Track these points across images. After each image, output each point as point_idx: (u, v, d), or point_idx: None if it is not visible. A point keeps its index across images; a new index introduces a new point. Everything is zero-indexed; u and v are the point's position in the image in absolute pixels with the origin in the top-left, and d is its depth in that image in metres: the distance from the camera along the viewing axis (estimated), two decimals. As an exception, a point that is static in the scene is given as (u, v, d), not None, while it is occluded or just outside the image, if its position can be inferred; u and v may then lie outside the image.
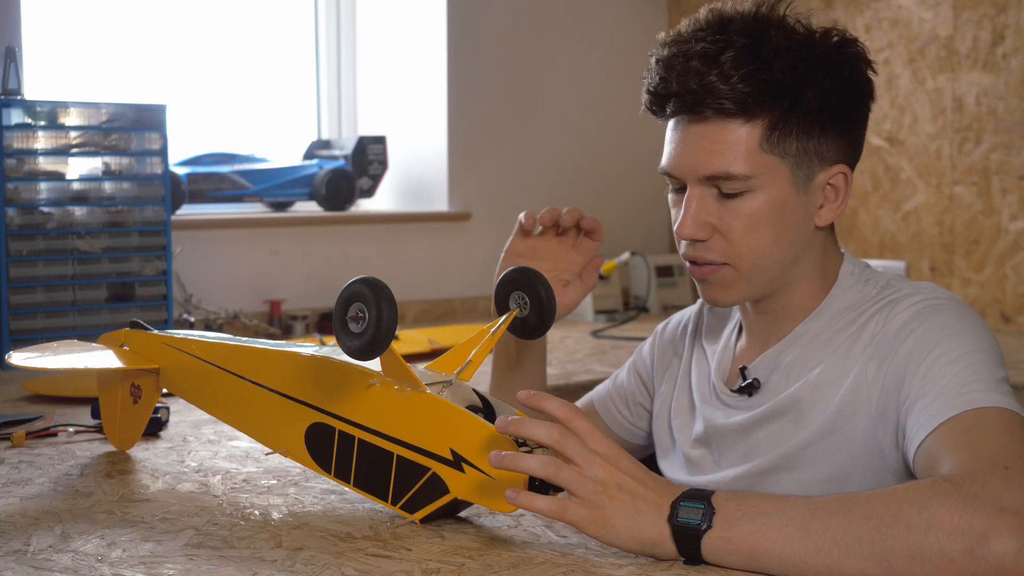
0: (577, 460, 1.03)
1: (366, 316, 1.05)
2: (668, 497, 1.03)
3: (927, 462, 1.10)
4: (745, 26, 1.23)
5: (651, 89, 1.27)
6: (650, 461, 1.48)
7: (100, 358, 1.42)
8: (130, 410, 1.45)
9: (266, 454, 1.41)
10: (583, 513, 1.02)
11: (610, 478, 1.03)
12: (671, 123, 1.28)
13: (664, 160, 1.29)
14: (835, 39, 1.26)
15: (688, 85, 1.22)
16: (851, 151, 1.29)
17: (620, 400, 1.56)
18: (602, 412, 1.57)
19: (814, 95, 1.23)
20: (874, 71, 1.29)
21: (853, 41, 1.27)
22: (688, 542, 1.01)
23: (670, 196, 1.32)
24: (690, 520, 1.01)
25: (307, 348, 1.27)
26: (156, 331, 1.43)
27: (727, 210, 1.25)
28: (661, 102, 1.26)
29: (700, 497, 1.02)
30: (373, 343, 1.05)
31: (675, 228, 1.28)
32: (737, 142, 1.23)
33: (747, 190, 1.24)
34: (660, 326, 1.55)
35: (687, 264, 1.31)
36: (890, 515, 0.96)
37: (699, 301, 1.48)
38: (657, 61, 1.27)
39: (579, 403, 1.62)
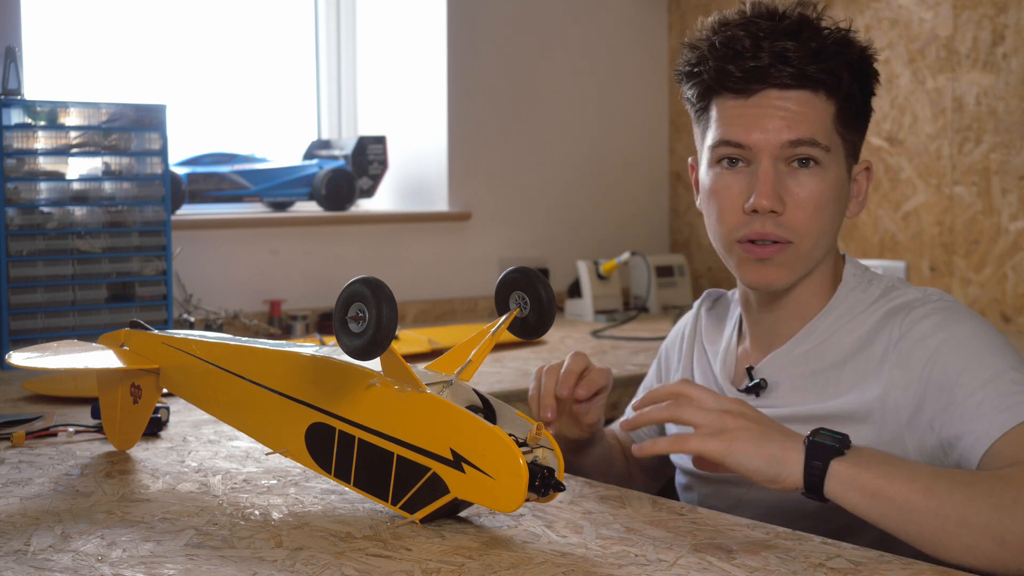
0: (700, 398, 1.11)
1: (366, 316, 1.05)
2: (797, 433, 1.09)
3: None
4: (804, 16, 1.28)
5: (733, 65, 1.27)
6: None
7: (100, 358, 1.42)
8: (130, 410, 1.45)
9: (266, 454, 1.41)
10: (703, 439, 1.08)
11: (734, 407, 1.10)
12: (736, 99, 1.28)
13: (731, 132, 1.29)
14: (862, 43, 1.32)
15: (786, 56, 1.25)
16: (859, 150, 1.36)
17: None
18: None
19: (866, 87, 1.31)
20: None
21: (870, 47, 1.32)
22: (819, 457, 1.05)
23: (718, 174, 1.31)
24: (826, 441, 1.06)
25: (307, 348, 1.27)
26: (156, 331, 1.43)
27: (798, 186, 1.27)
28: (750, 76, 1.26)
29: (837, 433, 1.08)
30: (373, 343, 1.05)
31: (749, 202, 1.27)
32: (820, 113, 1.27)
33: (822, 162, 1.27)
34: (662, 346, 1.58)
35: (742, 246, 1.29)
36: (1010, 498, 1.02)
37: (691, 312, 1.50)
38: (724, 42, 1.27)
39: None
